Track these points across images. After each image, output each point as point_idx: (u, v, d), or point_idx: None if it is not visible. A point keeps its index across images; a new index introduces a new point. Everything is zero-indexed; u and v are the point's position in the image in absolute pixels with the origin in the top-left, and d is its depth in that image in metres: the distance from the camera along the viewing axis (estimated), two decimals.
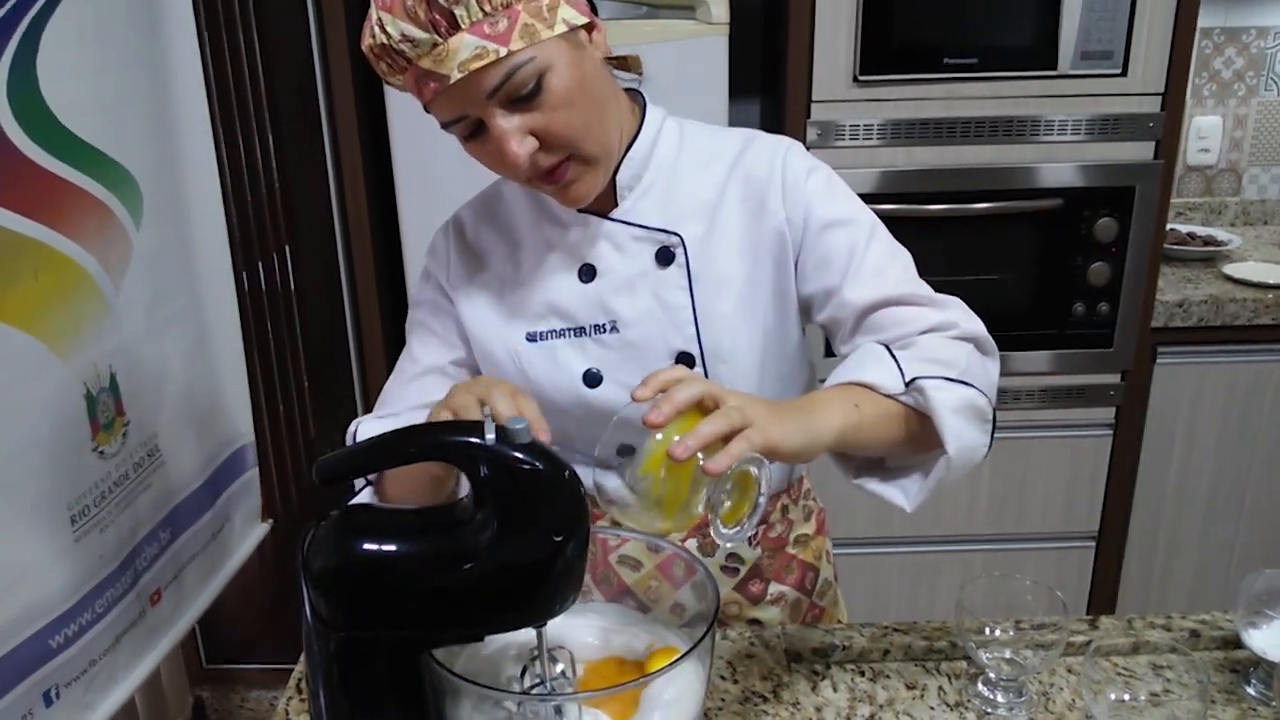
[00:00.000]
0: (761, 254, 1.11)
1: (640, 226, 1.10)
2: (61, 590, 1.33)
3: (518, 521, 0.79)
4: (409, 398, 1.18)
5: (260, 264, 2.20)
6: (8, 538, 1.24)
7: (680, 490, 0.85)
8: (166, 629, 1.59)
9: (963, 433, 0.99)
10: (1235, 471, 2.29)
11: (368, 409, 2.31)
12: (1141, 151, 2.08)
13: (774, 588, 1.23)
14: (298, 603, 0.82)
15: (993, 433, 1.03)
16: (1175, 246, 2.39)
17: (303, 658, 1.07)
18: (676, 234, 1.09)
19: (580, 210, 1.10)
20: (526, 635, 0.85)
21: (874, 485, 1.05)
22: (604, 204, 1.10)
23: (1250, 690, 1.09)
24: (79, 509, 1.35)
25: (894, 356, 1.02)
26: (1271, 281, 2.21)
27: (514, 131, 0.97)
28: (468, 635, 0.84)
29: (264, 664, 2.56)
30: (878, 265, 1.09)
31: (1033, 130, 2.06)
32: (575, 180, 1.03)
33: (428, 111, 1.01)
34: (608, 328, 1.10)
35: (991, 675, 1.07)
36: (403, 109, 2.02)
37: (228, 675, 2.57)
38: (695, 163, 1.13)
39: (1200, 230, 2.51)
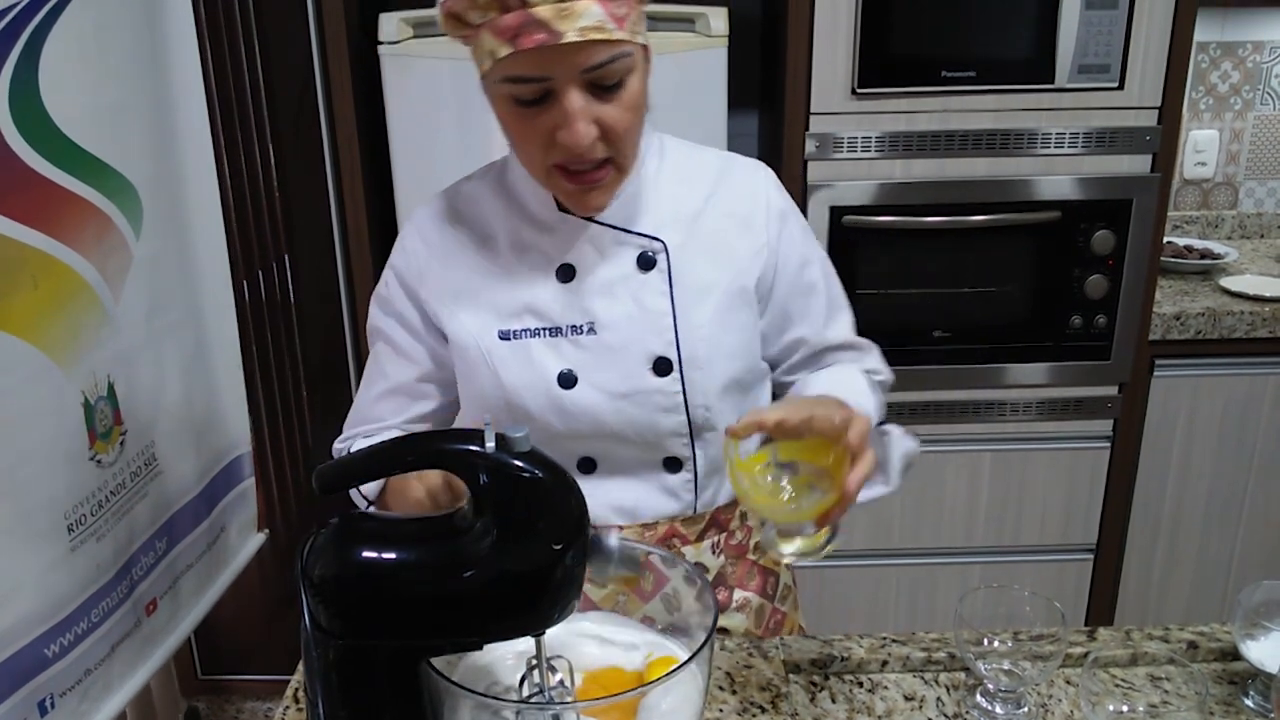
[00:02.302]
0: (742, 269, 1.14)
1: (624, 230, 1.11)
2: (57, 599, 1.32)
3: (517, 530, 0.79)
4: (382, 415, 1.21)
5: (260, 274, 2.21)
6: (4, 546, 1.24)
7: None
8: (162, 639, 1.59)
9: (901, 479, 1.11)
10: (1232, 483, 2.29)
11: None
12: (1138, 164, 2.08)
13: (738, 594, 1.23)
14: (294, 613, 0.82)
15: None
16: (1172, 259, 2.40)
17: (300, 667, 1.07)
18: (659, 240, 1.11)
19: (562, 211, 1.11)
20: (525, 644, 0.85)
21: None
22: (589, 208, 1.11)
23: (1248, 702, 1.09)
24: (75, 518, 1.35)
25: (875, 394, 1.16)
26: (1268, 294, 2.21)
27: (585, 113, 0.97)
28: (467, 643, 0.84)
29: (260, 675, 2.55)
30: (841, 303, 1.23)
31: (1030, 143, 2.07)
32: (603, 187, 1.04)
33: (488, 60, 0.97)
34: (585, 329, 1.11)
35: (990, 686, 1.07)
36: (403, 118, 2.03)
37: (223, 686, 2.56)
38: (675, 176, 1.15)
39: (1197, 243, 2.52)
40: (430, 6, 1.04)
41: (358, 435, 1.24)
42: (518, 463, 0.79)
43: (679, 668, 0.83)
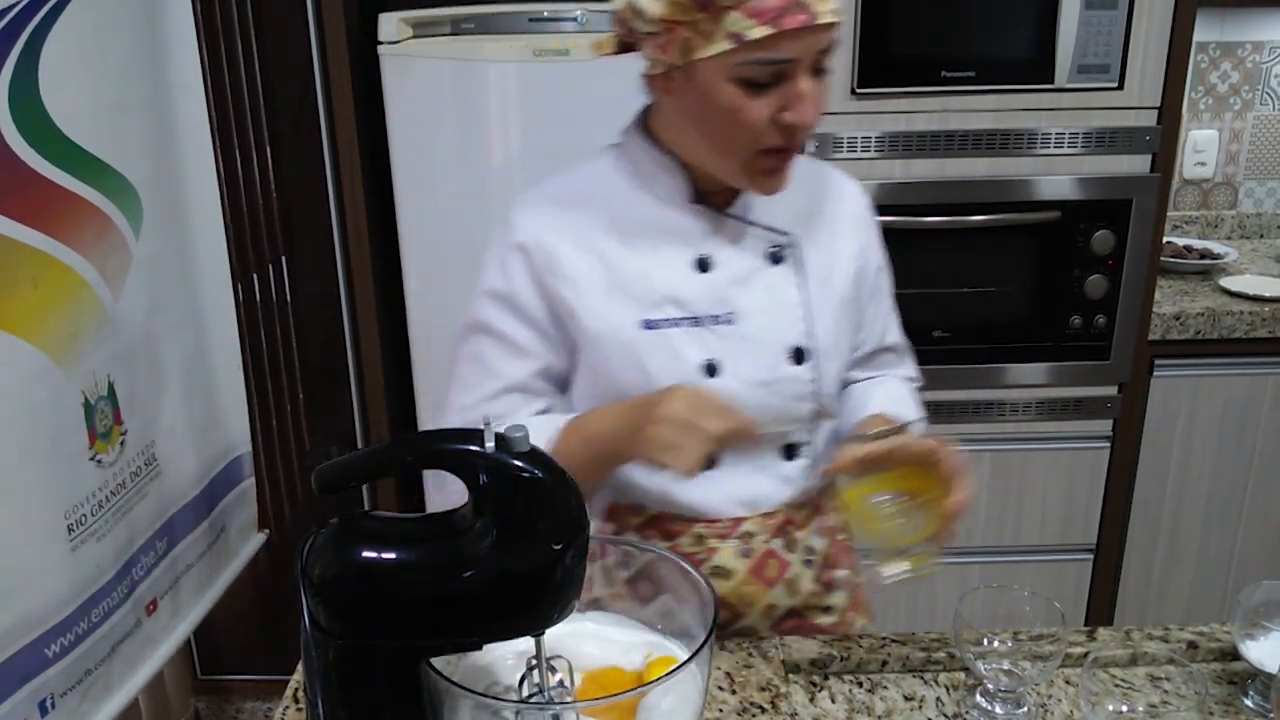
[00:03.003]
0: (847, 267, 1.19)
1: (757, 225, 1.14)
2: (58, 599, 1.32)
3: (517, 530, 0.79)
4: (502, 415, 1.15)
5: (256, 275, 2.21)
6: (5, 546, 1.24)
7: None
8: (162, 639, 1.59)
9: None
10: (1232, 483, 2.29)
11: (365, 420, 2.33)
12: (1138, 164, 2.08)
13: (839, 574, 1.27)
14: (294, 613, 0.82)
15: None
16: (1172, 259, 2.40)
17: (300, 667, 1.07)
18: (789, 234, 1.14)
19: (696, 203, 1.13)
20: (525, 644, 0.85)
21: None
22: (720, 200, 1.14)
23: (1248, 702, 1.09)
24: (76, 518, 1.35)
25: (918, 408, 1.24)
26: (1268, 294, 2.21)
27: (813, 94, 1.01)
28: (466, 643, 0.84)
29: (259, 675, 2.55)
30: (894, 307, 1.29)
31: (1030, 143, 2.07)
32: (788, 170, 1.07)
33: (727, 42, 0.98)
34: (725, 319, 1.12)
35: (990, 686, 1.07)
36: (402, 119, 2.03)
37: (223, 686, 2.56)
38: (799, 178, 1.15)
39: (1197, 243, 2.52)
40: (430, 7, 1.04)
41: None
42: (517, 463, 0.79)
43: (679, 668, 0.83)
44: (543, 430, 1.08)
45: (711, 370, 1.11)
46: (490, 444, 0.79)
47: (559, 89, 1.99)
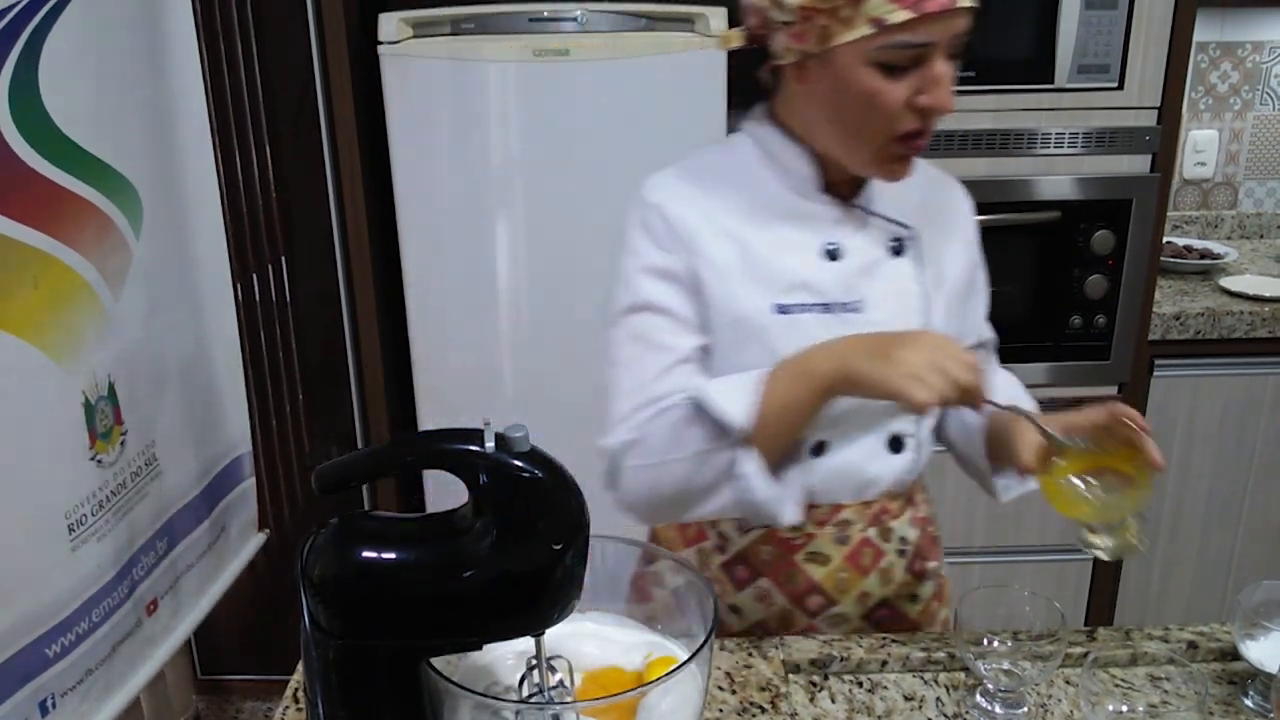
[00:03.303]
0: (957, 264, 1.22)
1: (882, 217, 1.15)
2: (58, 599, 1.32)
3: (517, 529, 0.79)
4: (680, 387, 1.12)
5: (256, 275, 2.21)
6: (5, 546, 1.24)
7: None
8: (163, 639, 1.59)
9: None
10: (1232, 483, 2.29)
11: (365, 420, 2.33)
12: (1138, 165, 2.08)
13: (929, 564, 1.29)
14: (294, 613, 0.82)
15: None
16: (1172, 259, 2.40)
17: (300, 667, 1.07)
18: (909, 227, 1.16)
19: (824, 192, 1.14)
20: (525, 644, 0.85)
21: (987, 470, 1.26)
22: (846, 191, 1.15)
23: (1248, 702, 1.09)
24: (76, 518, 1.35)
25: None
26: (1268, 294, 2.21)
27: (949, 78, 1.02)
28: (466, 643, 0.83)
29: (259, 675, 2.55)
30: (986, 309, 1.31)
31: (1030, 143, 2.07)
32: (914, 158, 1.09)
33: (867, 27, 0.99)
34: (853, 306, 1.13)
35: (990, 686, 1.07)
36: (402, 118, 2.03)
37: (223, 686, 2.56)
38: (917, 178, 1.16)
39: (1197, 243, 2.52)
40: (430, 7, 1.04)
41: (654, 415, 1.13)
42: (517, 463, 0.79)
43: (678, 668, 0.83)
44: (742, 381, 1.06)
45: None
46: (490, 444, 0.79)
47: (559, 89, 1.99)
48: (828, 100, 1.07)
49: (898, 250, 1.16)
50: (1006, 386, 1.27)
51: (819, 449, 1.17)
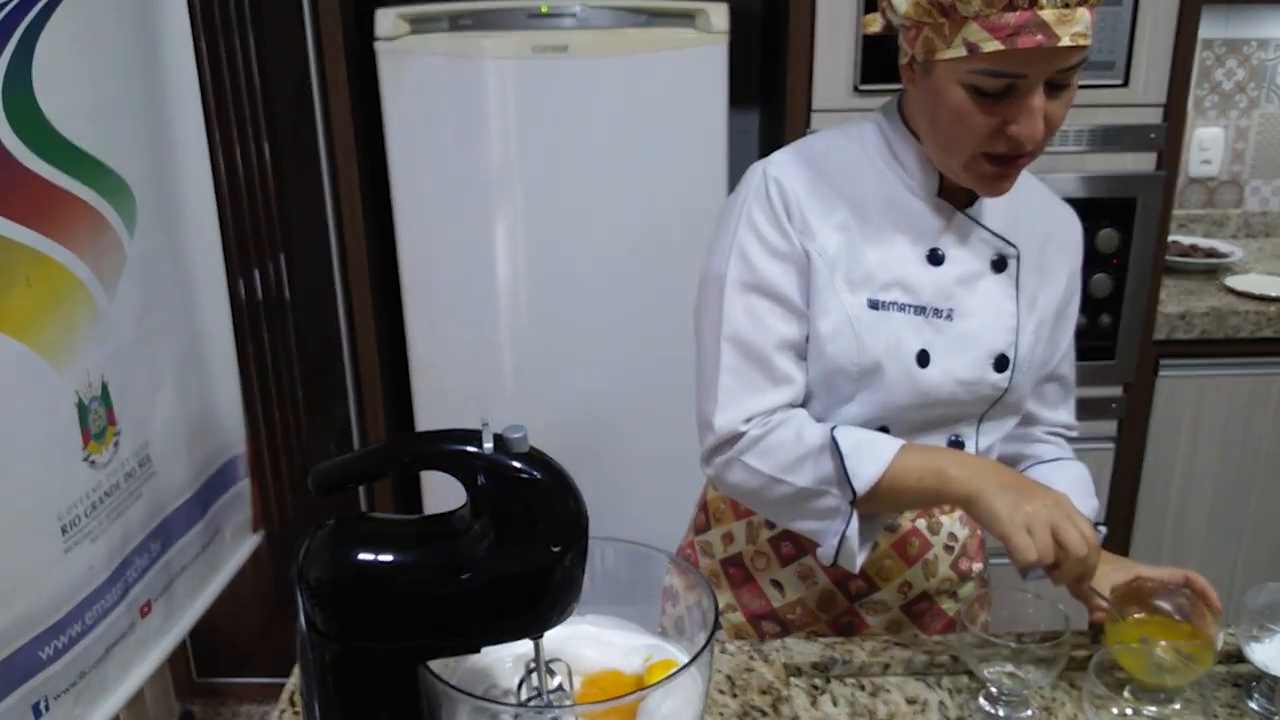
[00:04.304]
0: (1057, 290, 1.21)
1: (989, 230, 1.15)
2: (51, 601, 1.32)
3: (515, 532, 0.78)
4: (790, 373, 1.14)
5: (254, 274, 2.20)
6: None
7: None
8: (157, 641, 1.58)
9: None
10: (1237, 484, 2.28)
11: (361, 420, 2.32)
12: (1143, 163, 2.07)
13: (975, 566, 1.30)
14: (290, 615, 0.81)
15: None
16: (1177, 258, 2.39)
17: (296, 670, 1.06)
18: (1015, 245, 1.15)
19: (939, 197, 1.14)
20: (524, 647, 0.84)
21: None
22: (959, 199, 1.15)
23: (1253, 705, 1.08)
24: (69, 519, 1.34)
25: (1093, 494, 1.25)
26: (1273, 294, 2.20)
27: (1042, 110, 1.01)
28: (465, 646, 0.83)
29: (255, 678, 2.54)
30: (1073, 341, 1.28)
31: None
32: (1012, 177, 1.08)
33: (962, 49, 0.99)
34: (945, 314, 1.14)
35: (993, 690, 1.06)
36: (399, 115, 2.02)
37: (218, 689, 2.56)
38: (1029, 197, 1.20)
39: (1202, 242, 2.51)
40: (427, 2, 1.03)
41: (782, 406, 1.14)
42: (516, 464, 0.78)
43: (679, 671, 0.82)
44: (881, 443, 1.10)
45: (923, 360, 1.13)
46: (489, 445, 0.78)
47: (557, 85, 1.99)
48: (927, 107, 1.07)
49: (999, 266, 1.16)
50: (1078, 482, 1.26)
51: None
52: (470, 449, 0.78)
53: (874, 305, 1.13)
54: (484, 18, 2.01)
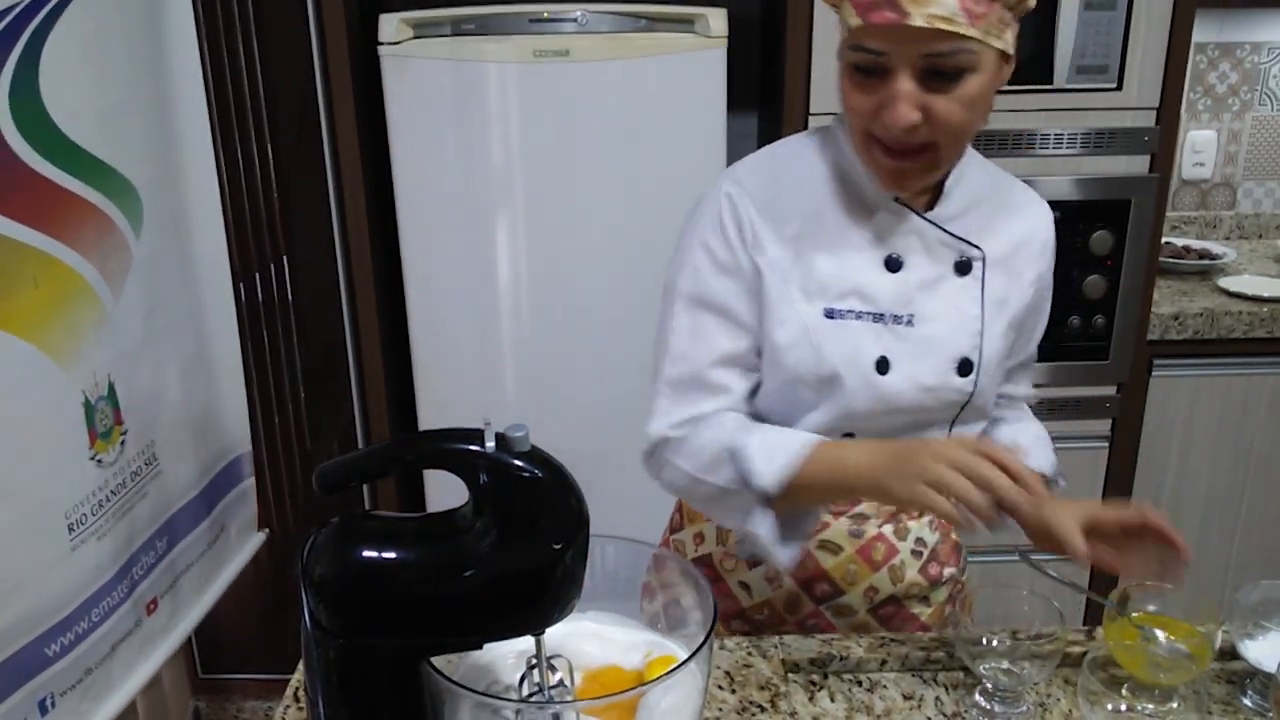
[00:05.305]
0: (1024, 291, 1.19)
1: (950, 233, 1.14)
2: (58, 599, 1.32)
3: (517, 529, 0.79)
4: (727, 384, 1.15)
5: (258, 275, 2.21)
6: (5, 546, 1.24)
7: None
8: (162, 638, 1.59)
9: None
10: (1230, 483, 2.29)
11: (366, 419, 2.33)
12: (1137, 165, 2.09)
13: (947, 570, 1.29)
14: (294, 613, 0.82)
15: None
16: (1171, 260, 2.40)
17: (300, 666, 1.07)
18: (980, 248, 1.14)
19: (896, 202, 1.13)
20: (525, 643, 0.85)
21: None
22: (919, 202, 1.14)
23: (1247, 701, 1.09)
24: (76, 517, 1.35)
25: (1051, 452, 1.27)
26: (1266, 295, 2.22)
27: (910, 97, 1.00)
28: (467, 643, 0.84)
29: (260, 674, 2.55)
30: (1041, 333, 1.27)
31: (1029, 144, 2.07)
32: (915, 172, 1.07)
33: (844, 28, 1.02)
34: (905, 319, 1.13)
35: (989, 686, 1.07)
36: (403, 119, 2.03)
37: (223, 685, 2.56)
38: (990, 189, 1.18)
39: (1195, 244, 2.52)
40: (430, 8, 1.05)
41: (710, 413, 1.15)
42: (518, 462, 0.79)
43: (678, 667, 0.83)
44: (789, 443, 1.09)
45: (883, 367, 1.12)
46: (491, 443, 0.79)
47: (559, 89, 2.00)
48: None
49: (963, 269, 1.15)
50: (1037, 441, 1.29)
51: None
52: (472, 448, 0.79)
53: (831, 314, 1.12)
54: (486, 23, 2.02)
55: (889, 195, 1.12)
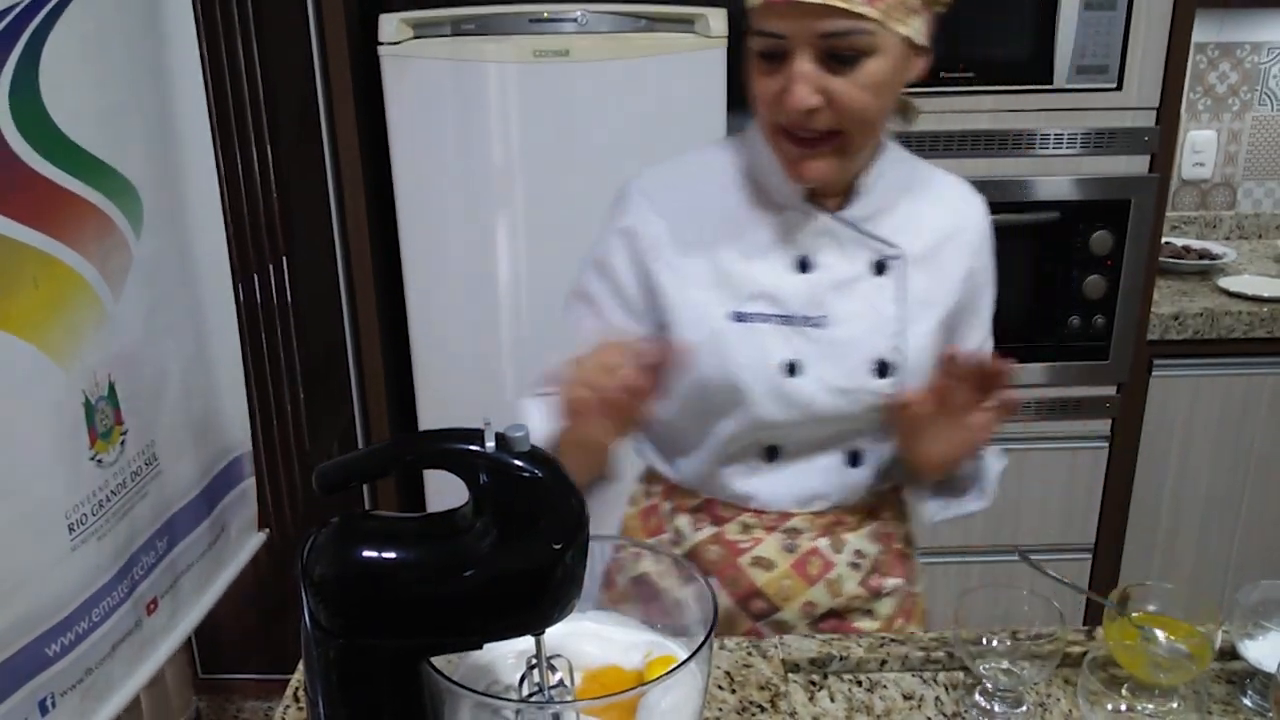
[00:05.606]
0: (954, 289, 1.17)
1: (865, 232, 1.12)
2: (58, 599, 1.32)
3: (517, 529, 0.79)
4: None
5: (256, 275, 2.21)
6: (5, 546, 1.24)
7: None
8: (162, 638, 1.59)
9: (994, 494, 1.20)
10: (1230, 483, 2.29)
11: (366, 419, 2.34)
12: (1137, 165, 2.09)
13: (889, 581, 1.26)
14: (294, 613, 0.82)
15: None
16: (1171, 260, 2.40)
17: (300, 666, 1.07)
18: (897, 247, 1.13)
19: (808, 202, 1.12)
20: (525, 643, 0.85)
21: (914, 489, 1.23)
22: (830, 202, 1.13)
23: (1247, 701, 1.09)
24: (76, 517, 1.35)
25: None
26: (1266, 295, 2.22)
27: (809, 79, 1.00)
28: (467, 643, 0.84)
29: (260, 674, 2.55)
30: (987, 335, 1.26)
31: (1029, 144, 2.07)
32: (821, 158, 1.05)
33: (749, 6, 1.02)
34: (816, 321, 1.12)
35: (989, 686, 1.07)
36: (403, 119, 2.03)
37: (223, 685, 2.56)
38: (907, 186, 1.16)
39: (1195, 244, 2.52)
40: (429, 8, 1.05)
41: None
42: (518, 462, 0.79)
43: (678, 667, 0.83)
44: (536, 417, 1.09)
45: (793, 369, 1.11)
46: (490, 443, 0.79)
47: (559, 89, 2.00)
48: None
49: (880, 269, 1.13)
50: None
51: (771, 454, 1.16)
52: (472, 448, 0.79)
53: (739, 318, 1.11)
54: (486, 22, 2.02)
55: (800, 195, 1.12)
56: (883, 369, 1.13)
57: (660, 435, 1.22)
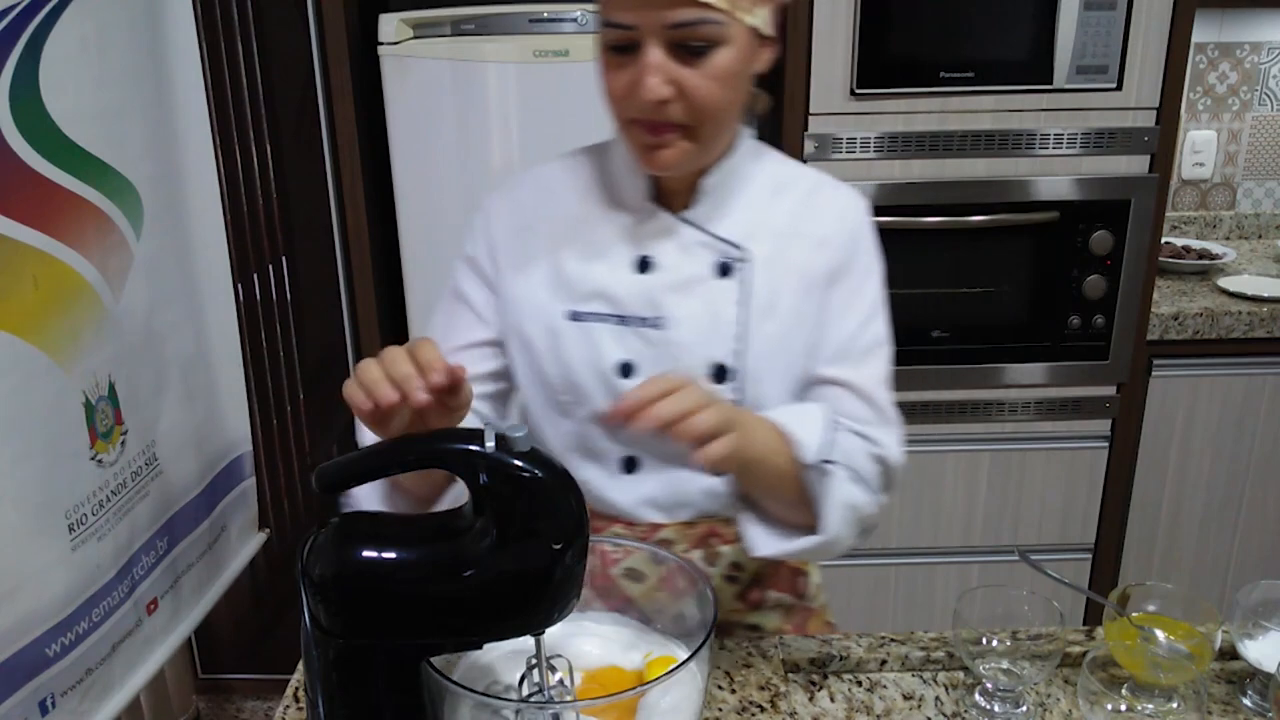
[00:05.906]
0: (815, 290, 1.12)
1: (710, 234, 1.11)
2: (58, 599, 1.33)
3: (517, 529, 0.79)
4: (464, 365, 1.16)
5: (256, 275, 2.21)
6: (5, 546, 1.24)
7: None
8: (163, 638, 1.59)
9: (839, 530, 1.05)
10: (1230, 483, 2.29)
11: None
12: (1136, 165, 2.09)
13: (771, 594, 1.24)
14: (294, 613, 0.82)
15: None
16: (1170, 260, 2.40)
17: (300, 666, 1.08)
18: (743, 249, 1.11)
19: (653, 202, 1.12)
20: (525, 643, 0.85)
21: (743, 515, 1.09)
22: (676, 203, 1.12)
23: (1246, 702, 1.09)
24: (76, 517, 1.35)
25: (826, 428, 1.06)
26: (1266, 295, 2.22)
27: (660, 70, 0.99)
28: (467, 643, 0.84)
29: (260, 674, 2.55)
30: (869, 347, 1.13)
31: (1028, 143, 2.07)
32: (673, 148, 1.04)
33: (596, 7, 1.03)
34: (652, 322, 1.10)
35: (989, 686, 1.07)
36: (403, 119, 2.03)
37: (223, 685, 2.56)
38: (768, 186, 1.14)
39: (1195, 244, 2.52)
40: (430, 8, 1.06)
41: None
42: (518, 462, 0.79)
43: (678, 667, 0.83)
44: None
45: (627, 371, 1.10)
46: (490, 444, 0.79)
47: (559, 89, 2.00)
48: None
49: (724, 270, 1.10)
50: (791, 414, 1.07)
51: (630, 465, 1.15)
52: (472, 448, 0.79)
53: (575, 317, 1.11)
54: (486, 22, 2.02)
55: (646, 195, 1.11)
56: (721, 373, 1.10)
57: (536, 438, 1.22)
